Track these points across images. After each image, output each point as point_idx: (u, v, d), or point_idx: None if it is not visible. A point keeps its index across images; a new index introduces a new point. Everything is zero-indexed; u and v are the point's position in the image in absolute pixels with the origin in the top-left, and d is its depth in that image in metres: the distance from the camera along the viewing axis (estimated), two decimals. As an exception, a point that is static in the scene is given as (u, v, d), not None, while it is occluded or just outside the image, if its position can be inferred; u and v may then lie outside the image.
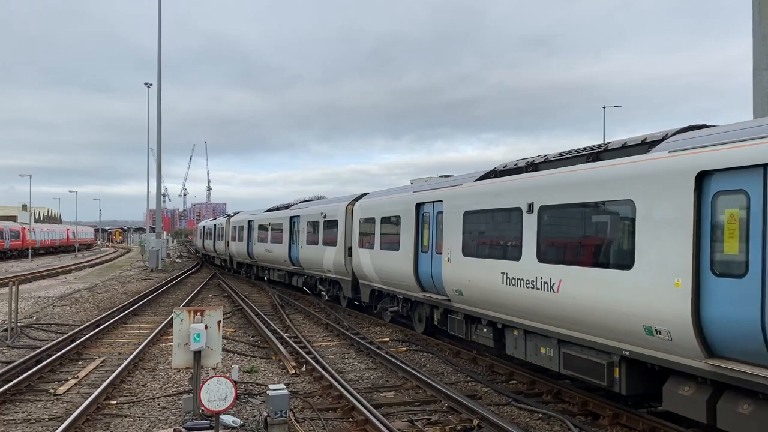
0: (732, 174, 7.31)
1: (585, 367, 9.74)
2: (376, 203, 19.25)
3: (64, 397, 10.92)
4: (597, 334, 9.37)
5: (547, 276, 10.33)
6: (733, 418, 7.30)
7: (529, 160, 11.87)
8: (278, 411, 8.63)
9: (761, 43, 12.15)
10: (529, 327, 11.13)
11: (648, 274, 8.30)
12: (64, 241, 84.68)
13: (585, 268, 9.52)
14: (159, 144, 45.37)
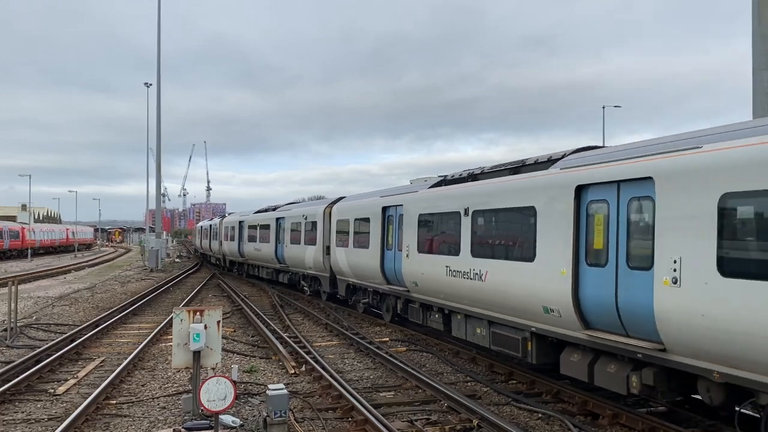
0: (598, 187, 9.56)
1: (507, 343, 11.77)
2: (350, 206, 21.52)
3: (64, 397, 10.92)
4: (514, 315, 11.50)
5: (478, 268, 12.53)
6: (604, 377, 9.46)
7: (470, 171, 14.05)
8: (278, 411, 8.63)
9: (761, 44, 12.15)
10: (468, 311, 13.28)
11: (544, 265, 10.50)
12: (64, 241, 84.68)
13: (504, 261, 11.78)
14: (158, 144, 45.38)
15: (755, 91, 12.29)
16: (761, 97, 12.08)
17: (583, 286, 9.73)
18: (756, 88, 12.29)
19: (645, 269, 8.62)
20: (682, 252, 7.97)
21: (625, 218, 9.09)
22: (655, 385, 8.74)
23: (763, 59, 12.14)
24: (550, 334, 10.66)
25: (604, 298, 9.30)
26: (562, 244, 10.08)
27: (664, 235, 8.24)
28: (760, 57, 12.16)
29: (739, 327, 7.22)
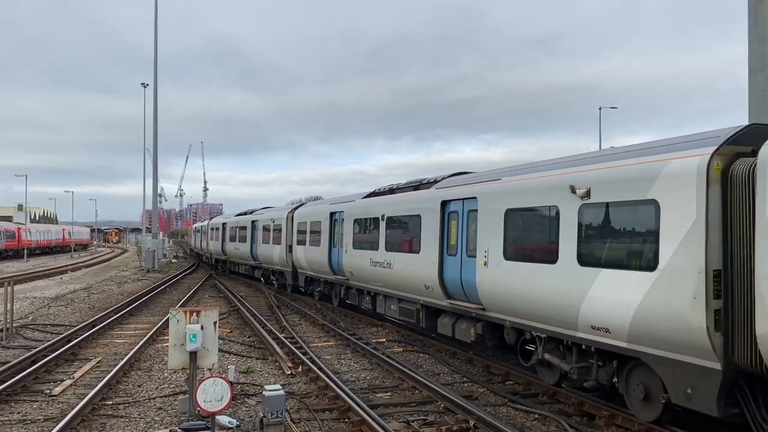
0: (453, 202, 13.82)
1: (408, 313, 16.04)
2: (308, 211, 25.59)
3: (60, 398, 10.90)
4: (410, 292, 15.69)
5: (389, 260, 16.72)
6: (459, 332, 13.63)
7: (390, 187, 18.55)
8: (274, 412, 8.62)
9: (756, 45, 12.17)
10: (385, 293, 17.46)
11: (425, 256, 14.75)
12: (60, 241, 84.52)
13: (403, 254, 15.96)
14: (155, 144, 45.31)
15: (751, 92, 12.31)
16: (756, 99, 12.11)
17: (445, 269, 14.05)
18: (751, 90, 12.31)
19: (473, 257, 12.72)
20: (489, 245, 12.12)
21: (465, 223, 13.31)
22: (483, 333, 12.88)
23: (758, 61, 12.17)
24: (430, 305, 14.93)
25: (455, 277, 13.57)
26: (434, 241, 14.38)
27: (481, 234, 12.43)
28: (756, 59, 12.19)
29: (514, 291, 11.35)
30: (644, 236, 8.73)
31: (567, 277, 9.95)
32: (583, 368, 10.20)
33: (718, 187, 7.79)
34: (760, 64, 12.22)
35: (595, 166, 9.85)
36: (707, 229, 7.72)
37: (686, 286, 7.91)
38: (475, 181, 13.28)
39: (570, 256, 9.93)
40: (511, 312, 11.55)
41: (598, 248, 9.51)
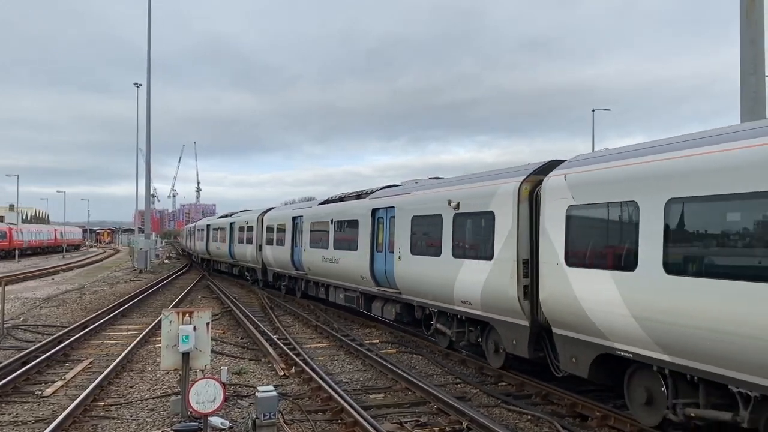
0: (381, 210, 17.24)
1: (351, 300, 19.60)
2: (274, 215, 29.14)
3: (51, 399, 10.84)
4: (352, 282, 19.16)
5: (336, 257, 20.15)
6: (386, 313, 17.00)
7: (340, 195, 21.92)
8: (267, 413, 8.60)
9: (748, 48, 12.23)
10: (334, 284, 20.93)
11: (361, 252, 18.05)
12: (52, 241, 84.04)
13: (344, 251, 19.39)
14: (148, 144, 45.15)
15: (743, 95, 12.37)
16: (748, 101, 12.16)
17: (375, 263, 17.51)
18: (743, 93, 12.37)
19: (392, 252, 16.21)
20: (402, 243, 15.66)
21: (388, 226, 16.76)
22: (401, 312, 16.33)
23: (750, 64, 12.23)
24: (366, 292, 18.37)
25: (381, 269, 17.00)
26: (367, 241, 17.80)
27: (397, 234, 15.96)
28: (748, 62, 12.25)
29: (417, 278, 14.87)
30: (487, 236, 12.21)
31: (446, 266, 13.57)
32: (461, 332, 13.80)
33: (526, 204, 11.29)
34: (752, 67, 12.28)
35: (462, 186, 13.50)
36: (518, 231, 11.29)
37: (507, 270, 11.42)
38: (395, 194, 16.96)
39: (447, 251, 13.59)
40: (417, 294, 15.21)
41: (463, 245, 13.18)
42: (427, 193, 14.99)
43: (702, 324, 7.56)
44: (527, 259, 11.17)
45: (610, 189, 9.30)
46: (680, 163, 8.14)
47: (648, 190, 8.53)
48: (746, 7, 12.34)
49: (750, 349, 7.07)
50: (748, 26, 12.33)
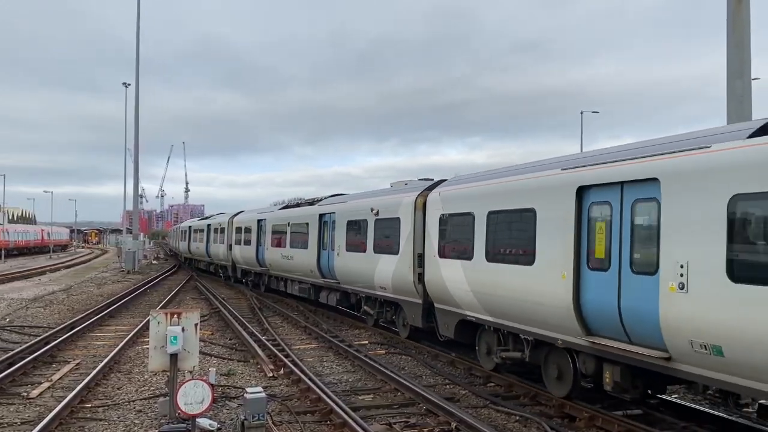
0: (326, 215, 20.90)
1: (303, 290, 23.25)
2: (242, 218, 32.83)
3: (38, 401, 10.76)
4: (305, 275, 22.79)
5: (291, 254, 23.86)
6: (330, 300, 20.57)
7: (297, 201, 26.91)
8: (256, 414, 8.58)
9: (735, 52, 12.36)
10: (291, 278, 24.70)
11: (311, 251, 21.64)
12: (39, 241, 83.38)
13: (299, 250, 22.95)
14: (136, 144, 44.90)
15: (729, 98, 12.49)
16: (735, 104, 12.29)
17: (321, 259, 21.05)
18: (730, 96, 12.49)
19: (333, 250, 19.89)
20: (340, 242, 19.21)
21: (330, 228, 20.43)
22: (340, 299, 20.08)
23: (736, 67, 12.35)
24: (315, 284, 22.01)
25: (325, 264, 20.73)
26: (315, 240, 21.42)
27: (336, 235, 19.64)
28: (734, 65, 12.37)
29: (349, 270, 18.58)
30: (395, 236, 15.99)
31: (369, 260, 17.34)
32: (381, 312, 17.74)
33: (420, 212, 15.03)
34: (739, 70, 12.42)
35: (381, 197, 17.49)
36: (414, 233, 15.10)
37: (408, 262, 15.21)
38: (337, 202, 20.72)
39: (370, 248, 17.37)
40: (350, 283, 18.97)
41: (381, 243, 16.88)
42: (359, 202, 18.87)
43: (502, 293, 11.41)
44: (421, 254, 14.82)
45: (461, 203, 13.14)
46: (493, 188, 12.11)
47: (478, 205, 12.38)
48: (732, 12, 12.47)
49: (526, 308, 10.80)
50: (734, 30, 12.46)
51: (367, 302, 18.43)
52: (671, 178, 8.14)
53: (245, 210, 34.99)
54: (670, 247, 8.02)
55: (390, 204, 16.47)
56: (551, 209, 10.28)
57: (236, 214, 34.54)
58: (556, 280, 9.97)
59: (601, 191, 9.41)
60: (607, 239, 9.24)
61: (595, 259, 9.46)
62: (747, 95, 12.47)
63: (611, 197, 9.25)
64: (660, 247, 8.19)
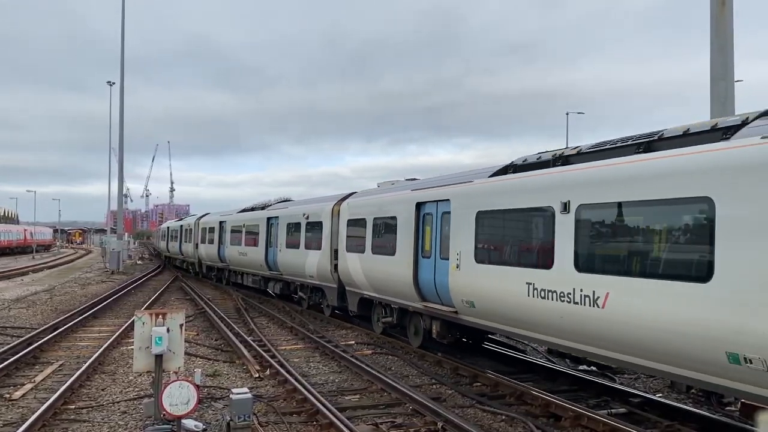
0: (271, 219, 25.74)
1: (256, 282, 27.79)
2: (206, 220, 37.53)
3: (20, 402, 10.64)
4: (256, 270, 27.45)
5: (246, 251, 28.16)
6: (276, 289, 25.88)
7: (252, 207, 30.39)
8: (241, 415, 8.55)
9: (718, 55, 12.50)
10: (246, 272, 29.24)
11: (260, 248, 26.43)
12: (21, 241, 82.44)
13: (252, 247, 27.29)
14: (121, 143, 44.55)
15: (713, 100, 12.63)
16: (718, 106, 12.42)
17: (268, 255, 25.34)
18: (713, 98, 12.62)
19: (276, 247, 24.33)
20: (281, 240, 23.80)
21: (276, 229, 24.56)
22: (283, 288, 24.60)
23: (719, 70, 12.49)
24: (264, 275, 26.48)
25: (272, 259, 24.90)
26: (264, 239, 25.61)
27: (279, 235, 24.06)
28: (717, 68, 12.51)
29: (289, 263, 23.21)
30: (319, 235, 20.46)
31: (300, 254, 21.85)
32: (311, 296, 22.20)
33: (337, 217, 19.27)
34: (722, 73, 12.55)
35: (311, 205, 22.17)
36: (331, 233, 19.58)
37: (328, 255, 19.62)
38: (280, 207, 25.45)
39: (302, 245, 21.79)
40: (290, 273, 23.38)
41: (310, 241, 21.26)
42: (295, 208, 23.71)
43: (379, 276, 15.97)
44: (336, 249, 19.17)
45: (358, 211, 17.73)
46: (378, 199, 16.74)
47: (369, 213, 16.85)
48: (716, 14, 12.61)
49: (392, 286, 15.36)
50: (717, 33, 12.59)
51: (301, 289, 23.19)
52: (456, 199, 12.64)
53: (210, 213, 39.64)
54: (455, 242, 12.47)
55: (316, 210, 21.26)
56: (405, 217, 14.78)
57: (202, 216, 39.67)
58: (407, 265, 14.44)
59: (428, 205, 13.93)
60: (431, 237, 13.72)
61: (425, 250, 13.99)
62: (730, 97, 12.61)
63: (432, 210, 13.78)
64: (450, 242, 12.61)
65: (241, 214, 30.20)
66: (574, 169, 9.79)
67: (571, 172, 9.77)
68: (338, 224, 18.99)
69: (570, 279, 9.32)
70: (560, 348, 10.44)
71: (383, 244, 15.86)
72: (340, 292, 19.28)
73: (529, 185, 10.57)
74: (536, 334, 10.50)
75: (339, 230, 18.85)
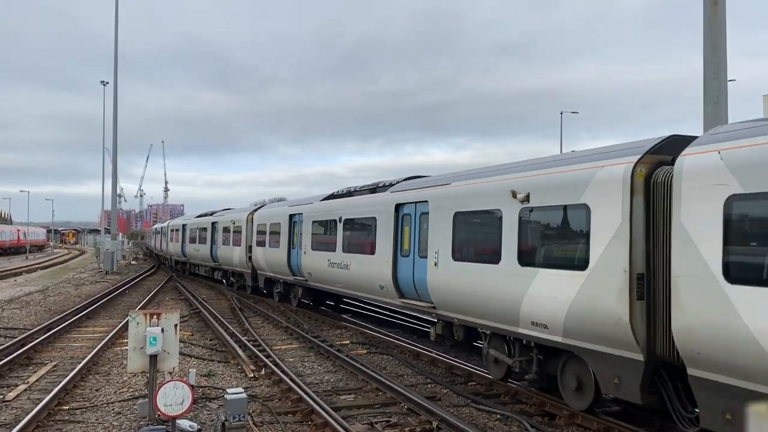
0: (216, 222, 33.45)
1: (206, 271, 36.70)
2: (173, 223, 46.81)
3: (14, 403, 10.60)
4: (206, 262, 35.74)
5: (199, 248, 36.33)
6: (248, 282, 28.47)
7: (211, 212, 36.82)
8: (236, 415, 8.54)
9: (711, 54, 12.53)
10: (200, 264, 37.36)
11: (208, 246, 34.24)
12: (15, 242, 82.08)
13: (203, 245, 35.13)
14: (114, 143, 44.40)
15: (706, 100, 12.65)
16: (711, 106, 12.45)
17: (212, 251, 32.77)
18: (706, 98, 12.65)
19: (215, 245, 32.38)
20: (218, 239, 31.78)
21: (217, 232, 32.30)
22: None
23: (712, 69, 12.52)
24: (210, 266, 34.52)
25: (215, 254, 32.36)
26: (210, 239, 33.13)
27: (218, 236, 32.05)
28: (710, 67, 12.54)
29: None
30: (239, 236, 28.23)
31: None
32: (236, 280, 29.92)
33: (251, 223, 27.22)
34: (715, 72, 12.58)
35: (234, 213, 30.22)
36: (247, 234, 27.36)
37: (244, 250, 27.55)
38: (220, 215, 30.77)
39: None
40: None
41: (231, 240, 29.01)
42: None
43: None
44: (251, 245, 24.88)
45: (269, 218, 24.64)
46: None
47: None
48: (709, 14, 12.64)
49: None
50: (710, 33, 12.62)
51: (233, 275, 30.43)
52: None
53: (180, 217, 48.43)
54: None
55: (236, 217, 27.83)
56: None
57: (171, 220, 50.94)
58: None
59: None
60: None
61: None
62: (723, 97, 12.64)
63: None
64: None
65: (197, 219, 38.08)
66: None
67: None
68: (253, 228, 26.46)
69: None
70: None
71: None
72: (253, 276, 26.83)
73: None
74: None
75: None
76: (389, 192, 15.59)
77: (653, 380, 8.30)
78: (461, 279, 11.84)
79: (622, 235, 8.28)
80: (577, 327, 8.96)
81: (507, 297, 10.39)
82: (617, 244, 8.34)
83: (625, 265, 8.18)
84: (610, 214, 8.50)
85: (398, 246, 14.69)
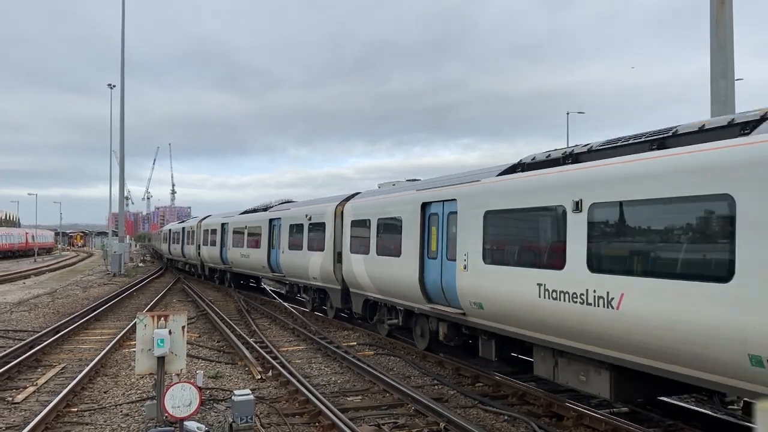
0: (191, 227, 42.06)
1: (192, 266, 44.12)
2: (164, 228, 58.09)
3: (22, 405, 10.65)
4: (191, 260, 43.04)
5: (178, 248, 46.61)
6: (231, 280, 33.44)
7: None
8: (244, 416, 8.55)
9: (718, 53, 12.50)
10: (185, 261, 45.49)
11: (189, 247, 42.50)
12: (23, 245, 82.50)
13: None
14: (122, 146, 44.58)
15: (713, 99, 12.63)
16: (718, 105, 12.42)
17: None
18: (714, 96, 12.62)
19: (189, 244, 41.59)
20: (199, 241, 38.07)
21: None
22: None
23: (720, 68, 12.49)
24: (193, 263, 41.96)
25: (195, 253, 39.54)
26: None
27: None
28: (717, 66, 12.51)
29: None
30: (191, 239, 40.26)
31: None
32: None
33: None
34: (722, 72, 12.55)
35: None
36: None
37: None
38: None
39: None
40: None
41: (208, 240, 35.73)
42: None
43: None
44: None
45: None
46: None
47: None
48: (716, 14, 12.61)
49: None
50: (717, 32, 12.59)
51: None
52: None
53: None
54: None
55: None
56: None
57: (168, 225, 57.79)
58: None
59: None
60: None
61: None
62: (730, 95, 12.60)
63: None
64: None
65: (178, 224, 41.05)
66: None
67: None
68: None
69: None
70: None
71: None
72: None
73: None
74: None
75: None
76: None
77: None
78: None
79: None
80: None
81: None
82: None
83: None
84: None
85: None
